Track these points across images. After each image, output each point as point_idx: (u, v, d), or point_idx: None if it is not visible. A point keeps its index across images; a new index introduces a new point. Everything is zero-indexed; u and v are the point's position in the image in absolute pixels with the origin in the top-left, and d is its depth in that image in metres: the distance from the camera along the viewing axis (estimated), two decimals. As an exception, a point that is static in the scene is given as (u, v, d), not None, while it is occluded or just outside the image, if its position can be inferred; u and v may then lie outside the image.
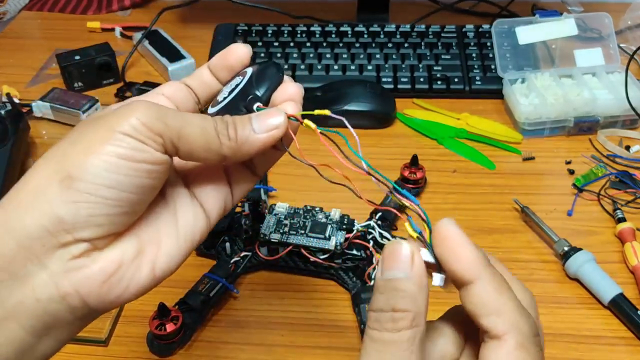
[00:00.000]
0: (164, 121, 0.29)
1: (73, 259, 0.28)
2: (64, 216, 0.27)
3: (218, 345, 0.53)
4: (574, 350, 0.52)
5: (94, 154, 0.28)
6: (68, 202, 0.27)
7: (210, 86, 0.37)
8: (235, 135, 0.31)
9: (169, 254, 0.32)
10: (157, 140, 0.29)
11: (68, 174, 0.27)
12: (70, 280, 0.28)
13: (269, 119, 0.32)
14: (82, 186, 0.27)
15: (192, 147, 0.30)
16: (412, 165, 0.66)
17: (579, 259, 0.57)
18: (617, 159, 0.71)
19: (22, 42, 0.95)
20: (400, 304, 0.26)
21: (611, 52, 0.80)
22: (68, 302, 0.28)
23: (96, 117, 0.31)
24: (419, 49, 0.85)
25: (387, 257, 0.27)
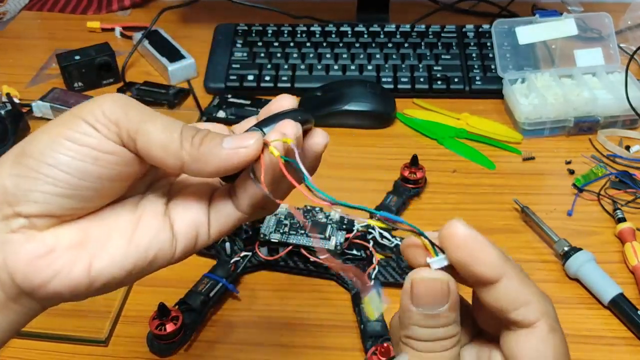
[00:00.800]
0: (125, 111, 0.29)
1: (10, 233, 0.28)
2: (8, 187, 0.28)
3: (218, 345, 0.53)
4: (574, 351, 0.52)
5: (46, 134, 0.29)
6: (14, 174, 0.28)
7: None
8: (199, 142, 0.29)
9: (112, 258, 0.30)
10: (111, 128, 0.29)
11: (22, 151, 0.29)
12: (2, 252, 0.28)
13: (240, 137, 0.30)
14: (29, 162, 0.28)
15: (150, 145, 0.29)
16: (412, 165, 0.66)
17: (579, 259, 0.57)
18: (617, 159, 0.71)
19: (22, 42, 0.95)
20: (446, 334, 0.27)
21: (611, 52, 0.80)
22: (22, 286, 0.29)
23: None
24: (419, 49, 0.85)
25: (423, 293, 0.27)
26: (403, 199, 0.65)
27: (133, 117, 0.29)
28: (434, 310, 0.26)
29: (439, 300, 0.26)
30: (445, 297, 0.26)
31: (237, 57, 0.85)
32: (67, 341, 0.53)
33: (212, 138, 0.30)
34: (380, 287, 0.29)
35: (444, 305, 0.26)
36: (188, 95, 0.82)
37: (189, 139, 0.29)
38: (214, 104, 0.79)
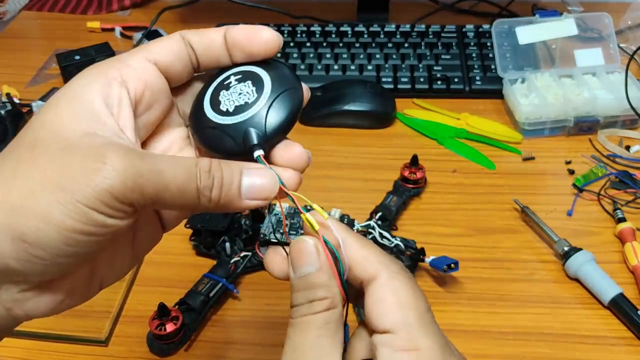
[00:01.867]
0: (140, 191, 0.26)
1: (22, 292, 0.27)
2: (17, 268, 0.26)
3: (218, 345, 0.53)
4: (574, 351, 0.52)
5: (50, 225, 0.25)
6: (21, 260, 0.25)
7: (217, 57, 0.31)
8: (218, 197, 0.28)
9: (119, 273, 0.31)
10: (127, 210, 0.26)
11: (21, 237, 0.25)
12: (22, 308, 0.27)
13: (262, 186, 0.29)
14: (38, 253, 0.25)
15: (166, 207, 0.29)
16: (412, 165, 0.66)
17: (579, 259, 0.57)
18: (617, 159, 0.71)
19: (22, 42, 0.95)
20: (317, 295, 0.29)
21: (611, 52, 0.80)
22: (17, 319, 0.28)
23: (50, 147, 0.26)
24: (419, 49, 0.85)
25: (295, 256, 0.29)
26: (403, 199, 0.64)
27: (148, 192, 0.26)
28: (307, 270, 0.29)
29: (310, 261, 0.29)
30: (315, 258, 0.29)
31: (237, 57, 0.85)
32: (67, 341, 0.53)
33: (229, 186, 0.28)
34: None
35: (314, 266, 0.29)
36: (188, 95, 0.82)
37: (208, 194, 0.28)
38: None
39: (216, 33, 0.31)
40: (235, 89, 0.31)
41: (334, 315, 0.29)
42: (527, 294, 0.57)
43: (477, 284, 0.58)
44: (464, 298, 0.57)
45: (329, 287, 0.29)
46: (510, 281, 0.58)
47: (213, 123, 0.31)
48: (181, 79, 0.32)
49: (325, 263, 0.29)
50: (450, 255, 0.56)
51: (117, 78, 0.29)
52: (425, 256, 0.57)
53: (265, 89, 0.31)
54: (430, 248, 0.58)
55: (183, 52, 0.31)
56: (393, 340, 0.27)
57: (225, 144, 0.30)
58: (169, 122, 0.33)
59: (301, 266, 0.29)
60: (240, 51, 0.31)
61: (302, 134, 0.74)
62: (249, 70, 0.32)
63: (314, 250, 0.29)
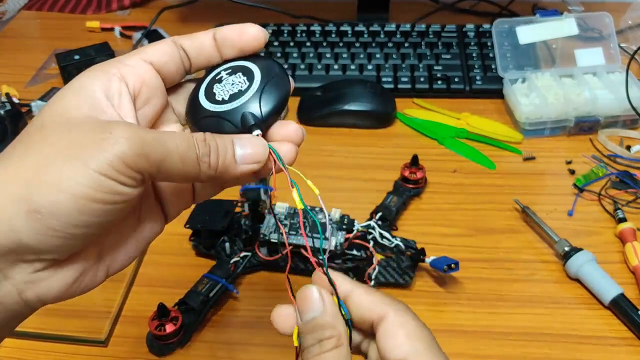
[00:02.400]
0: (146, 158, 0.28)
1: (35, 272, 0.28)
2: (30, 243, 0.27)
3: (218, 345, 0.53)
4: (575, 351, 0.52)
5: (65, 194, 0.26)
6: (35, 233, 0.26)
7: (208, 57, 0.34)
8: (216, 163, 0.31)
9: (126, 256, 0.33)
10: (137, 177, 0.28)
11: (36, 208, 0.26)
12: (33, 290, 0.29)
13: (254, 152, 0.31)
14: (52, 224, 0.26)
15: (170, 176, 0.30)
16: (412, 165, 0.66)
17: (579, 259, 0.57)
18: (618, 159, 0.71)
19: (21, 42, 0.95)
20: (324, 335, 0.31)
21: (612, 52, 0.79)
22: (29, 304, 0.29)
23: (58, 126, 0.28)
24: (419, 49, 0.85)
25: (301, 304, 0.32)
26: (403, 199, 0.64)
27: (153, 158, 0.28)
28: (313, 315, 0.31)
29: (315, 307, 0.31)
30: (319, 303, 0.31)
31: (237, 56, 0.85)
32: (67, 341, 0.53)
33: (225, 153, 0.31)
34: None
35: (319, 311, 0.31)
36: (188, 95, 0.82)
37: (206, 161, 0.30)
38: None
39: (205, 35, 0.34)
40: (227, 81, 0.33)
41: (342, 352, 0.31)
42: (527, 294, 0.57)
43: (478, 284, 0.58)
44: (464, 298, 0.57)
45: (334, 327, 0.31)
46: (510, 281, 0.58)
47: (210, 112, 0.33)
48: (174, 80, 0.34)
49: (329, 305, 0.31)
50: (450, 256, 0.56)
51: (116, 74, 0.31)
52: (425, 256, 0.57)
53: (255, 77, 0.33)
54: (431, 248, 0.58)
55: (175, 54, 0.33)
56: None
57: (224, 129, 0.32)
58: (165, 120, 0.35)
59: (307, 312, 0.31)
60: (230, 47, 0.34)
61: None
62: (237, 65, 0.34)
63: (318, 296, 0.31)
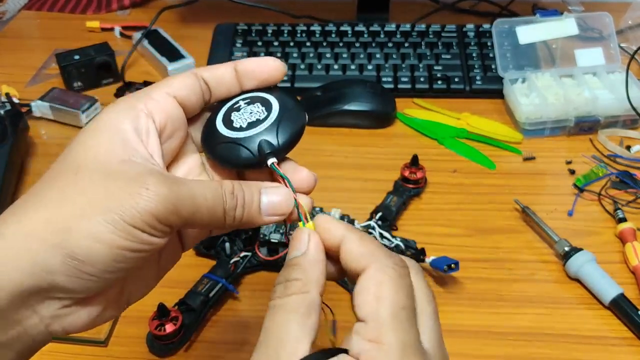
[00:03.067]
0: (177, 214, 0.29)
1: (63, 308, 0.30)
2: (65, 285, 0.28)
3: (218, 345, 0.53)
4: (575, 351, 0.52)
5: (101, 244, 0.28)
6: (71, 277, 0.28)
7: (228, 87, 0.35)
8: (241, 215, 0.32)
9: (146, 287, 0.34)
10: (167, 231, 0.29)
11: (72, 254, 0.28)
12: (59, 323, 0.30)
13: (280, 204, 0.33)
14: (88, 269, 0.28)
15: (197, 226, 0.31)
16: (412, 165, 0.66)
17: (579, 259, 0.57)
18: (618, 159, 0.71)
19: (21, 42, 0.95)
20: (292, 275, 0.30)
21: (612, 52, 0.79)
22: (55, 334, 0.31)
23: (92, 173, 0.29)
24: (419, 49, 0.85)
25: (291, 243, 0.32)
26: (403, 199, 0.64)
27: (184, 214, 0.30)
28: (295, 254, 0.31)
29: (299, 246, 0.31)
30: (304, 245, 0.31)
31: (237, 56, 0.85)
32: (67, 341, 0.53)
33: (251, 204, 0.32)
34: None
35: (300, 251, 0.31)
36: (188, 95, 0.82)
37: (232, 214, 0.32)
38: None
39: (226, 67, 0.35)
40: (245, 110, 0.34)
41: (306, 300, 0.29)
42: (527, 294, 0.57)
43: (478, 284, 0.58)
44: (464, 298, 0.57)
45: (305, 270, 0.30)
46: (510, 281, 0.58)
47: (227, 138, 0.34)
48: (195, 111, 0.35)
49: (313, 250, 0.31)
50: (450, 256, 0.56)
51: (143, 110, 0.32)
52: (425, 256, 0.57)
53: (273, 108, 0.34)
54: (431, 248, 0.58)
55: (197, 87, 0.34)
56: (363, 329, 0.28)
57: (241, 155, 0.33)
58: (185, 150, 0.36)
59: (292, 251, 0.31)
60: (251, 79, 0.35)
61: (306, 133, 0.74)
62: (256, 95, 0.35)
63: (306, 237, 0.31)
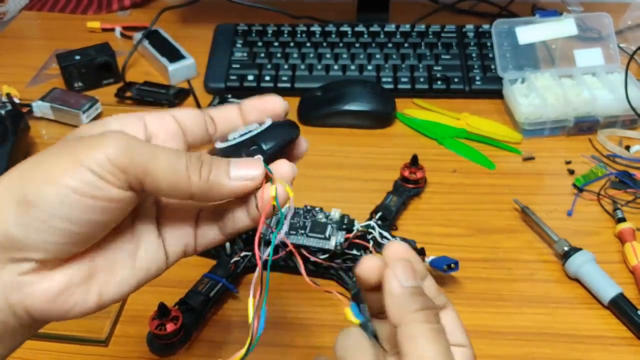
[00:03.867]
0: (130, 156, 0.29)
1: (22, 275, 0.29)
2: (16, 235, 0.28)
3: (218, 345, 0.53)
4: (574, 350, 0.52)
5: (51, 184, 0.28)
6: (21, 224, 0.28)
7: (233, 122, 0.36)
8: (207, 175, 0.31)
9: (121, 284, 0.32)
10: (120, 176, 0.29)
11: (25, 198, 0.28)
12: (18, 294, 0.29)
13: (247, 168, 0.32)
14: (36, 213, 0.28)
15: (158, 184, 0.30)
16: (412, 165, 0.66)
17: (579, 259, 0.57)
18: (617, 159, 0.71)
19: (22, 42, 0.95)
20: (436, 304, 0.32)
21: (611, 52, 0.80)
22: (15, 312, 0.30)
23: (73, 138, 0.31)
24: (419, 49, 0.85)
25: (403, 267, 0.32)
26: (403, 199, 0.65)
27: (138, 160, 0.29)
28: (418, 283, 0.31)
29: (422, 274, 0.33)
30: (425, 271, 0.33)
31: (237, 57, 0.85)
32: (67, 341, 0.53)
33: (218, 167, 0.31)
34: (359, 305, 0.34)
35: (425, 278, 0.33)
36: (188, 95, 0.82)
37: (197, 172, 0.31)
38: (214, 104, 0.79)
39: (232, 106, 0.37)
40: (242, 129, 0.36)
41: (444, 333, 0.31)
42: (527, 294, 0.57)
43: (477, 284, 0.58)
44: (464, 298, 0.57)
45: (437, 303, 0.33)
46: (510, 281, 0.58)
47: (219, 149, 0.35)
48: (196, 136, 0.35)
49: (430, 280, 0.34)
50: (450, 255, 0.56)
51: (137, 115, 0.33)
52: (425, 256, 0.57)
53: (266, 122, 0.35)
54: (430, 248, 0.58)
55: (200, 118, 0.35)
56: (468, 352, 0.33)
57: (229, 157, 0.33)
58: None
59: (411, 277, 0.31)
60: (254, 114, 0.36)
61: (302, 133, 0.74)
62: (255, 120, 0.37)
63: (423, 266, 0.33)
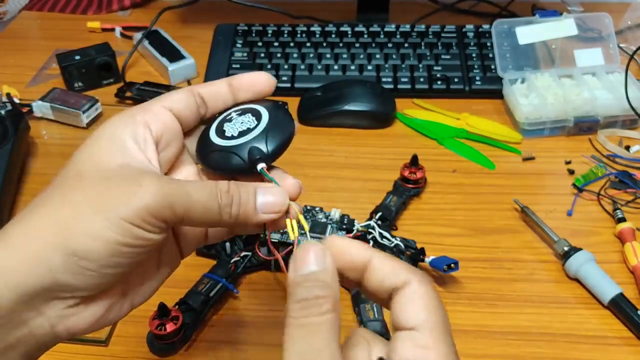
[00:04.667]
0: (171, 209, 0.31)
1: (67, 308, 0.31)
2: (67, 282, 0.30)
3: (218, 345, 0.53)
4: (574, 350, 0.52)
5: (99, 240, 0.30)
6: (71, 272, 0.30)
7: (223, 101, 0.38)
8: (237, 213, 0.33)
9: (149, 289, 0.36)
10: (161, 225, 0.31)
11: (73, 252, 0.29)
12: (64, 324, 0.31)
13: (275, 202, 0.34)
14: (87, 264, 0.30)
15: (192, 222, 0.32)
16: (412, 165, 0.66)
17: (579, 259, 0.57)
18: (617, 159, 0.71)
19: (22, 42, 0.95)
20: (322, 292, 0.29)
21: (611, 52, 0.80)
22: (58, 335, 0.32)
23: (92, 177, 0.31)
24: (419, 49, 0.85)
25: (302, 256, 0.30)
26: (403, 199, 0.65)
27: (178, 210, 0.31)
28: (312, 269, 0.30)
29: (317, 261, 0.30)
30: (322, 259, 0.30)
31: (237, 57, 0.85)
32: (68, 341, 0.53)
33: (247, 202, 0.33)
34: None
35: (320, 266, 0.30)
36: (188, 95, 0.82)
37: (228, 211, 0.32)
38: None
39: (221, 82, 0.38)
40: (237, 120, 0.36)
41: (338, 319, 0.29)
42: (527, 294, 0.57)
43: (477, 284, 0.58)
44: (464, 298, 0.57)
45: (333, 288, 0.29)
46: (510, 281, 0.58)
47: (219, 147, 0.35)
48: (190, 123, 0.37)
49: (331, 265, 0.30)
50: (450, 255, 0.56)
51: (142, 122, 0.34)
52: (425, 256, 0.57)
53: (263, 117, 0.36)
54: (430, 248, 0.58)
55: (192, 102, 0.36)
56: (416, 337, 0.29)
57: (232, 162, 0.35)
58: (182, 160, 0.38)
59: (307, 265, 0.30)
60: (245, 91, 0.37)
61: (302, 133, 0.74)
62: (247, 107, 0.37)
63: (322, 252, 0.30)
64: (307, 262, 0.30)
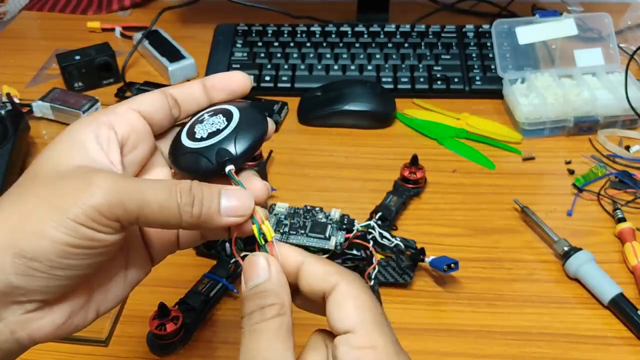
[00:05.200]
0: (123, 207, 0.29)
1: (26, 313, 0.30)
2: (19, 284, 0.29)
3: (218, 345, 0.53)
4: (574, 350, 0.52)
5: (47, 240, 0.28)
6: (22, 275, 0.29)
7: (197, 102, 0.37)
8: (199, 212, 0.31)
9: (115, 297, 0.35)
10: (114, 225, 0.29)
11: (21, 252, 0.28)
12: (25, 330, 0.30)
13: (238, 206, 0.32)
14: (36, 265, 0.28)
15: (150, 222, 0.31)
16: (412, 165, 0.66)
17: (579, 259, 0.57)
18: (617, 159, 0.71)
19: (22, 42, 0.95)
20: (266, 301, 0.31)
21: (611, 52, 0.80)
22: (21, 343, 0.31)
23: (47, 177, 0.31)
24: (419, 49, 0.85)
25: (247, 270, 0.32)
26: (403, 199, 0.65)
27: (130, 206, 0.29)
28: (258, 281, 0.31)
29: (261, 273, 0.32)
30: (265, 270, 0.32)
31: (237, 57, 0.85)
32: (67, 341, 0.53)
33: (210, 202, 0.32)
34: None
35: (264, 277, 0.31)
36: (188, 95, 0.82)
37: (189, 210, 0.31)
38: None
39: (195, 83, 0.37)
40: (208, 122, 0.35)
41: (285, 320, 0.31)
42: (527, 294, 0.57)
43: (477, 284, 0.58)
44: (464, 298, 0.57)
45: (278, 295, 0.31)
46: (510, 281, 0.58)
47: (189, 149, 0.35)
48: (163, 126, 0.36)
49: (275, 273, 0.32)
50: (450, 255, 0.56)
51: (106, 122, 0.33)
52: (425, 256, 0.57)
53: (234, 118, 0.35)
54: (430, 248, 0.58)
55: (164, 103, 0.35)
56: (352, 339, 0.30)
57: (200, 164, 0.34)
58: (154, 163, 0.37)
59: (253, 278, 0.32)
60: (219, 91, 0.36)
61: (302, 133, 0.74)
62: (220, 108, 0.36)
63: (264, 263, 0.32)
64: (252, 275, 0.32)
